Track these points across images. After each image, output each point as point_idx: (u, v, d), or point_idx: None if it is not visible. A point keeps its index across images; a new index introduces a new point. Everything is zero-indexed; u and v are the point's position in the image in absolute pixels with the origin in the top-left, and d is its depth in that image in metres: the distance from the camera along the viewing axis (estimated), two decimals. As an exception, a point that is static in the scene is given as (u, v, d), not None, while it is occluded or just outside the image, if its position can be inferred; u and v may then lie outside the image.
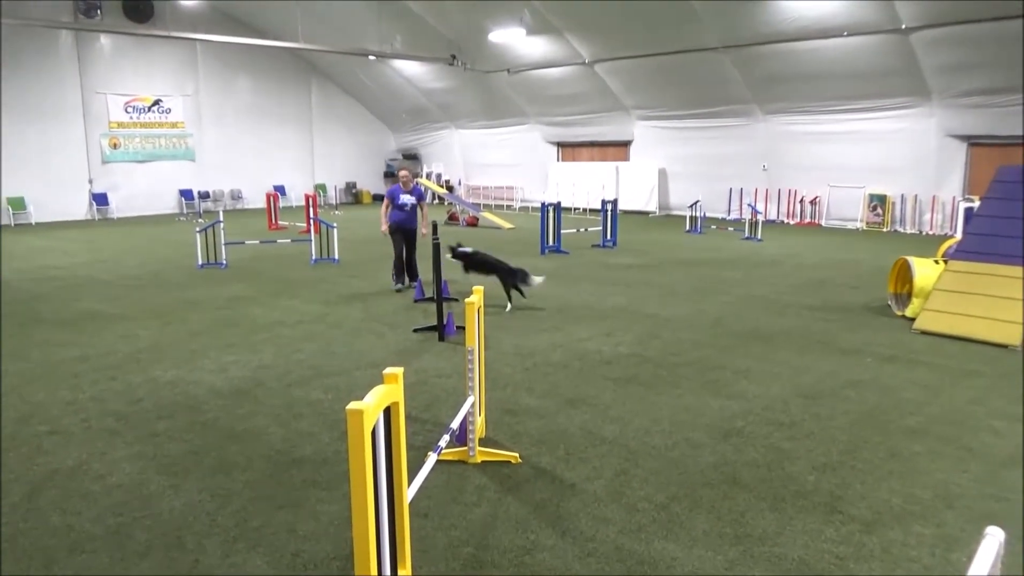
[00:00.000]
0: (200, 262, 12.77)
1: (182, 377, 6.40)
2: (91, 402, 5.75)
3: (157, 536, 3.72)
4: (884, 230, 18.83)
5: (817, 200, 20.32)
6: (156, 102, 24.58)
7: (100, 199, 23.58)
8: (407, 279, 10.45)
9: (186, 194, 25.42)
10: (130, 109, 24.06)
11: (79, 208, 23.35)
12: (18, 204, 21.91)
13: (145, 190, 24.51)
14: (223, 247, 12.91)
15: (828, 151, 19.66)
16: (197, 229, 13.22)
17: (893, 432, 5.06)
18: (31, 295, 10.39)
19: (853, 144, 19.12)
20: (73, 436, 5.04)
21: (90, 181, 23.51)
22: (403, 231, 10.39)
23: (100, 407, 5.63)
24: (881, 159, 18.74)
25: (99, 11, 22.03)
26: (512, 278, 9.25)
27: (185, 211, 24.95)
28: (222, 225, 12.94)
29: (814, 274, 11.80)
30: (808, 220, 20.51)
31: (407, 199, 10.35)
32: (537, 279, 9.36)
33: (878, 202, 19.10)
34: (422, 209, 10.46)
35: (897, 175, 18.59)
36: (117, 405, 5.68)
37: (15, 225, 21.50)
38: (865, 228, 19.22)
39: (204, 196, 25.75)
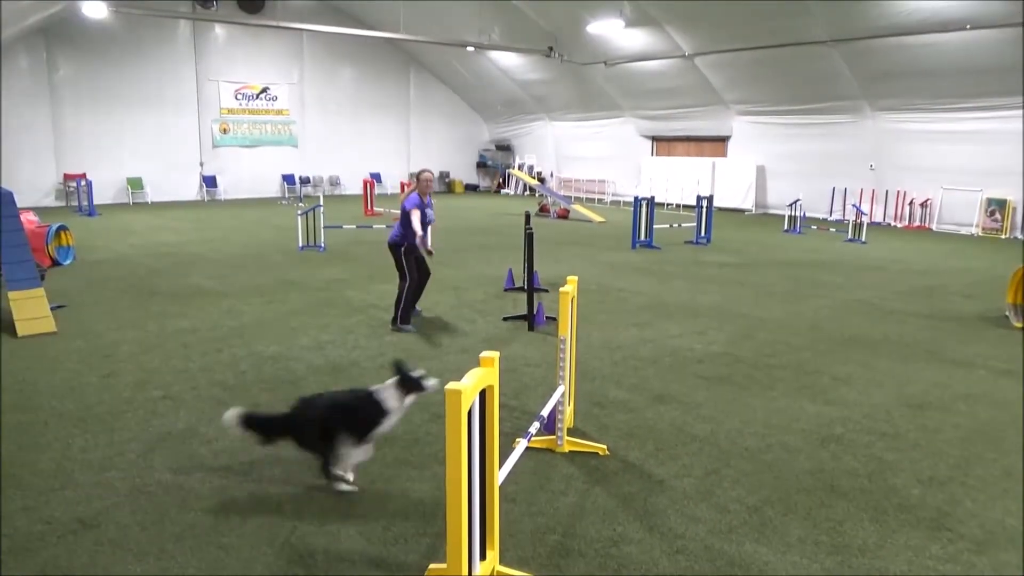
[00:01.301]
0: (300, 244, 13.27)
1: (282, 353, 6.67)
2: (200, 372, 6.08)
3: (259, 501, 3.90)
4: (1003, 237, 17.64)
5: (928, 203, 19.23)
6: (264, 89, 25.66)
7: (209, 181, 24.85)
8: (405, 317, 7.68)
9: (288, 179, 26.45)
10: (239, 96, 25.21)
11: (190, 190, 24.69)
12: (136, 184, 23.35)
13: (250, 174, 25.68)
14: (322, 231, 13.36)
15: (943, 151, 18.54)
16: (298, 213, 13.73)
17: (1009, 450, 4.74)
18: (149, 270, 11.07)
19: (971, 144, 17.95)
20: (184, 402, 5.34)
21: (201, 164, 24.81)
22: (419, 252, 7.69)
23: (208, 377, 5.94)
24: (1002, 161, 17.50)
25: (215, 2, 23.17)
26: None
27: (287, 195, 25.97)
28: (322, 210, 13.39)
29: (923, 280, 11.18)
30: (917, 224, 19.44)
31: (430, 213, 7.80)
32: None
33: (997, 207, 17.90)
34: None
35: (1020, 179, 17.34)
36: (223, 376, 5.98)
37: (133, 204, 22.93)
38: (981, 234, 18.06)
39: (305, 181, 26.73)
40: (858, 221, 16.27)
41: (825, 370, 6.43)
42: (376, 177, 27.22)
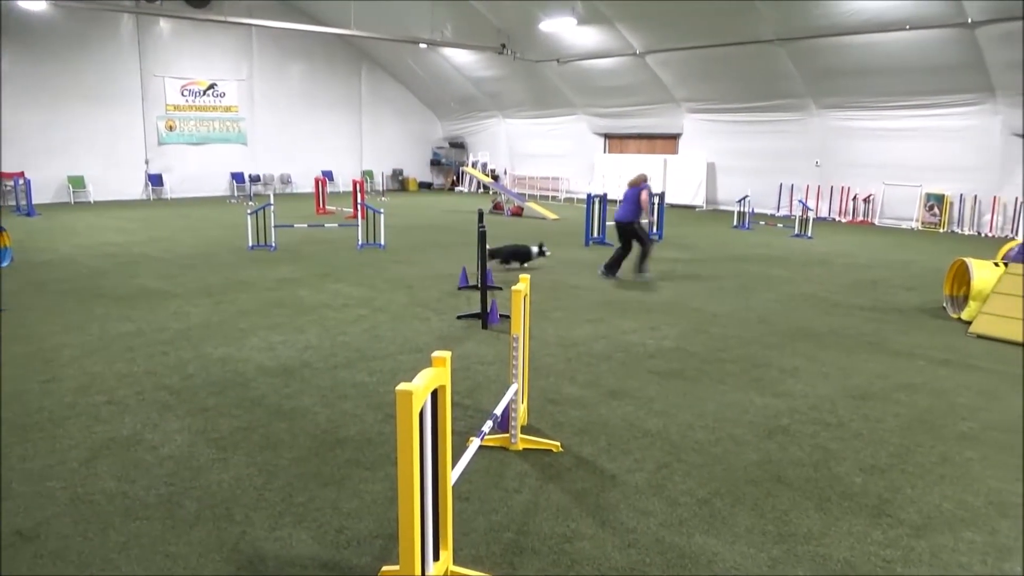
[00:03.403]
0: (250, 244, 13.04)
1: (231, 355, 6.55)
2: (145, 375, 5.93)
3: (206, 507, 3.82)
4: (941, 231, 18.29)
5: (871, 198, 19.82)
6: (211, 86, 25.12)
7: (155, 180, 24.24)
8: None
9: (237, 177, 25.96)
10: (186, 92, 24.63)
11: (135, 188, 24.05)
12: (78, 183, 22.65)
13: (198, 172, 25.13)
14: (272, 230, 13.15)
15: (884, 148, 19.14)
16: (248, 211, 13.49)
17: (946, 437, 4.93)
18: (92, 271, 10.75)
19: (911, 141, 18.58)
20: (128, 407, 5.21)
21: (146, 162, 24.18)
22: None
23: (154, 380, 5.80)
24: (940, 157, 18.17)
25: (160, -4, 22.59)
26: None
27: (236, 194, 25.48)
28: (272, 208, 13.17)
29: (866, 274, 11.52)
30: (861, 218, 20.02)
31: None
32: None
33: (935, 202, 18.55)
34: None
35: (957, 174, 18.01)
36: (170, 379, 5.85)
37: (74, 203, 22.23)
38: (920, 228, 18.69)
39: (255, 179, 26.26)
40: (805, 217, 16.67)
41: (773, 363, 6.58)
42: (328, 175, 26.90)
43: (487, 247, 9.34)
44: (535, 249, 11.45)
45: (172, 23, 23.75)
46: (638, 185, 10.57)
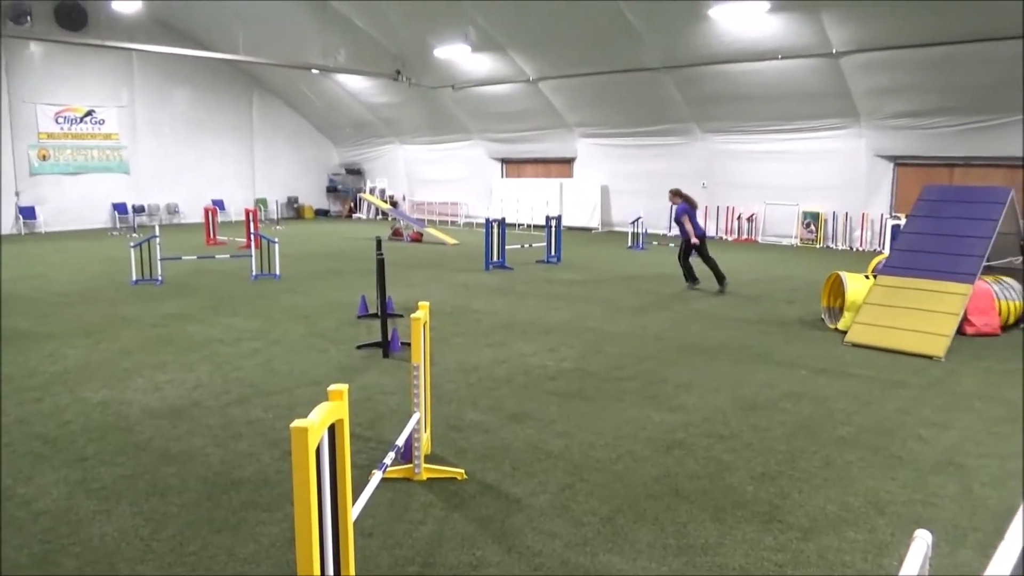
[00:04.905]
0: (134, 278, 12.38)
1: (113, 397, 6.17)
2: (16, 425, 5.50)
3: (87, 563, 3.57)
4: (817, 246, 19.49)
5: (753, 217, 20.91)
6: (89, 112, 23.83)
7: (27, 212, 22.68)
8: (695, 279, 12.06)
9: (120, 208, 24.64)
10: (61, 119, 23.26)
11: (4, 222, 22.38)
12: (-63, 217, 20.89)
13: (76, 203, 23.67)
14: (158, 263, 12.54)
15: (763, 169, 20.28)
16: (131, 244, 12.82)
17: (827, 442, 5.22)
18: (-49, 313, 9.89)
19: (787, 163, 19.78)
20: (-4, 460, 4.81)
21: (16, 194, 22.60)
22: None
23: (25, 430, 5.39)
24: (814, 178, 19.44)
25: (29, 17, 21.26)
26: None
27: (118, 225, 24.18)
28: (158, 240, 12.57)
29: (752, 289, 12.12)
30: (745, 236, 21.08)
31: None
32: None
33: (811, 219, 19.78)
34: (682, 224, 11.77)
35: (829, 193, 19.30)
36: (44, 428, 5.45)
37: (-66, 239, 20.48)
38: (799, 244, 19.86)
39: (139, 210, 25.01)
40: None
41: (669, 378, 6.80)
42: (219, 204, 25.95)
43: None
44: None
45: (44, 46, 22.39)
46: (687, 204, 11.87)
